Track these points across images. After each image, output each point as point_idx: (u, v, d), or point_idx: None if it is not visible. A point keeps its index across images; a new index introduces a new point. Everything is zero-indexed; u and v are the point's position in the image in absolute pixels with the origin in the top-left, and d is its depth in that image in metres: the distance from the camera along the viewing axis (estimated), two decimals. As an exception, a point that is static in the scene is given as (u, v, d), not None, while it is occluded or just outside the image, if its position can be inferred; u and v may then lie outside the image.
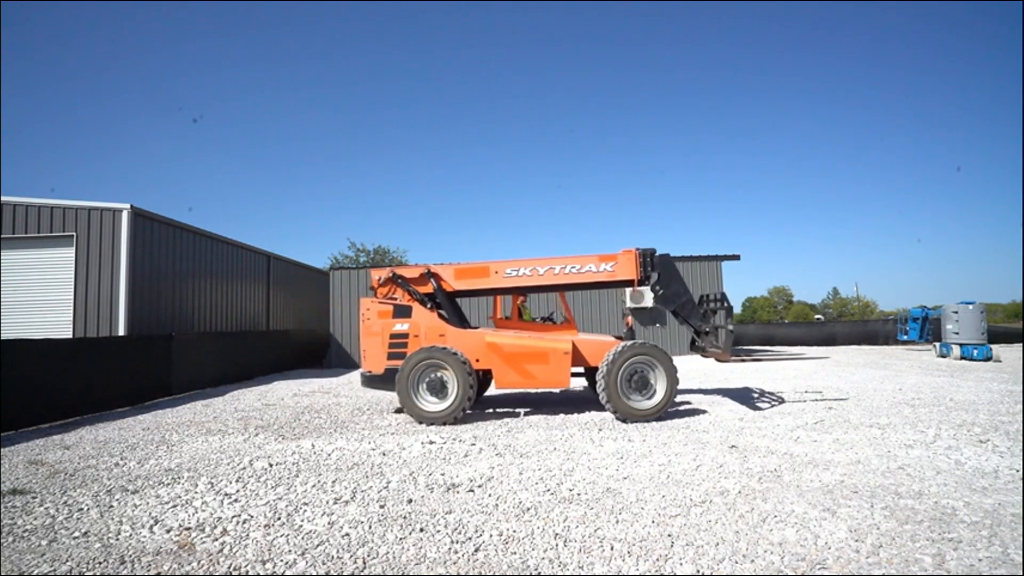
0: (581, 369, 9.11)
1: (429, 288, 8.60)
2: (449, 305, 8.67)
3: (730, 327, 7.93)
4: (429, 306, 8.53)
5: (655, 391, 7.57)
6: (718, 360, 8.35)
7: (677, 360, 16.32)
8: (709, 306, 8.62)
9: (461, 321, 8.77)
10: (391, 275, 8.62)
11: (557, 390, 10.84)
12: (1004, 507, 3.91)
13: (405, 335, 8.20)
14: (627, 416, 7.44)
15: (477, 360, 8.03)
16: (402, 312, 8.30)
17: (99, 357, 9.47)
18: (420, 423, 7.64)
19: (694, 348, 8.96)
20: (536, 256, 8.62)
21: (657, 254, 8.34)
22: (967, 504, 3.98)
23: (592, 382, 9.26)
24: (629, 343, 7.69)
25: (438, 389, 7.74)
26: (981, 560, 3.11)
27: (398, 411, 8.81)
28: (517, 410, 8.74)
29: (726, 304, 8.18)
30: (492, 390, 10.62)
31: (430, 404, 7.73)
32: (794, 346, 26.07)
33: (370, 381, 8.32)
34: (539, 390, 10.95)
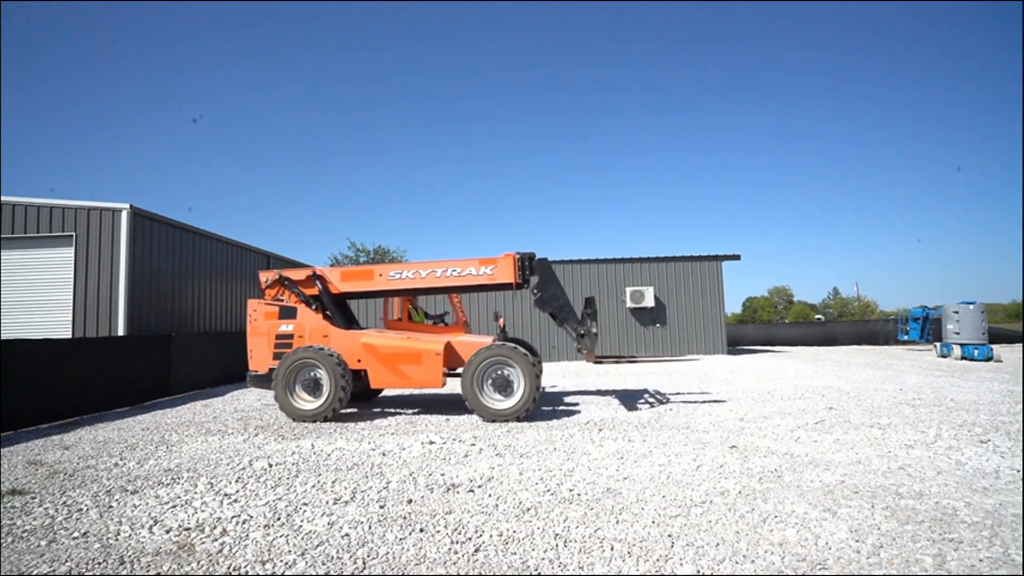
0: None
1: (315, 290, 8.74)
2: (336, 307, 8.77)
3: (594, 330, 8.17)
4: (315, 308, 8.66)
5: (515, 391, 7.64)
6: (588, 361, 8.54)
7: (674, 363, 16.31)
8: (587, 311, 8.65)
9: (349, 323, 8.88)
10: (278, 277, 8.79)
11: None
12: (1005, 507, 3.91)
13: (290, 336, 8.41)
14: (486, 416, 7.58)
15: (359, 360, 8.18)
16: (288, 313, 8.51)
17: (99, 357, 9.46)
18: (293, 420, 7.85)
19: (578, 351, 9.00)
20: (420, 260, 8.79)
21: (536, 258, 8.45)
22: (968, 504, 3.98)
23: None
24: (487, 346, 7.76)
25: (313, 388, 7.98)
26: (982, 560, 3.11)
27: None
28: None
29: (592, 308, 8.37)
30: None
31: (304, 402, 7.96)
32: (793, 346, 26.11)
33: (255, 380, 8.53)
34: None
